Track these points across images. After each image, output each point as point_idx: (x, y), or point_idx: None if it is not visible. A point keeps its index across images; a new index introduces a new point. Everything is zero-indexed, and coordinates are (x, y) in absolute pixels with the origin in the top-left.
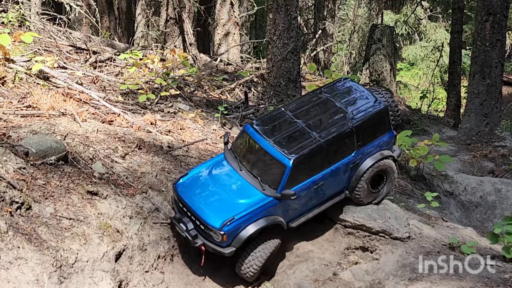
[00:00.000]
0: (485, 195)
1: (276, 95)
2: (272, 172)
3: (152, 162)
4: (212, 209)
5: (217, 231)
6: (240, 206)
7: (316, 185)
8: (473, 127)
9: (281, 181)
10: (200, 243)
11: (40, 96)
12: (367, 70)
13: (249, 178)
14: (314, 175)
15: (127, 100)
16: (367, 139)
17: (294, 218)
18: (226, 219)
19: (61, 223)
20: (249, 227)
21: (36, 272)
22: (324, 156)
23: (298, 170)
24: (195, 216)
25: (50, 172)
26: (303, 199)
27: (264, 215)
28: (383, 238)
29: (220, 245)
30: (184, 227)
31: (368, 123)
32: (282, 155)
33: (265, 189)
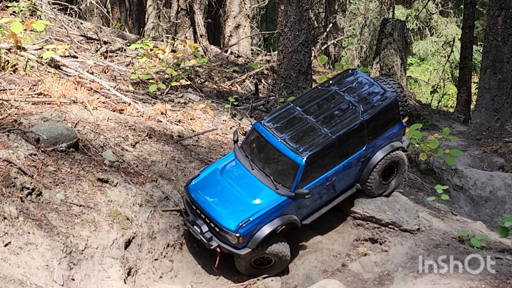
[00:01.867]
0: (495, 190)
1: (286, 87)
2: (284, 171)
3: (162, 151)
4: (226, 211)
5: (233, 234)
6: (254, 207)
7: (328, 181)
8: (483, 122)
9: (295, 180)
10: (215, 245)
11: (51, 84)
12: (378, 64)
13: (261, 177)
14: (326, 171)
15: (138, 89)
16: (377, 132)
17: (307, 215)
18: (241, 221)
19: (71, 210)
20: (264, 228)
21: (46, 258)
22: (336, 152)
23: (311, 168)
24: (209, 219)
25: (60, 159)
26: (316, 195)
27: (279, 215)
28: (392, 230)
29: (236, 247)
30: (199, 229)
31: (379, 116)
32: (294, 154)
33: (278, 188)
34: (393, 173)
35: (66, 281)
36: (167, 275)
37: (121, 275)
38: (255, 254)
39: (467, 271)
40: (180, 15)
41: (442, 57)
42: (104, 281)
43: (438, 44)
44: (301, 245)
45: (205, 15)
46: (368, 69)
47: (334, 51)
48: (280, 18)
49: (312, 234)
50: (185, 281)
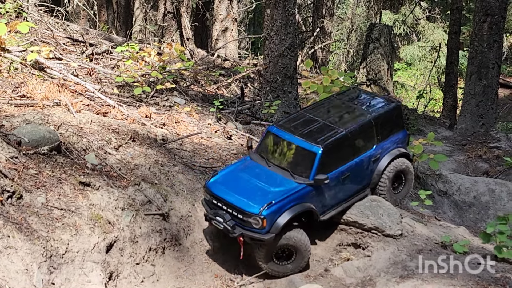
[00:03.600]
0: (479, 195)
1: (272, 91)
2: (302, 162)
3: (146, 155)
4: (249, 198)
5: (257, 216)
6: (275, 193)
7: (343, 176)
8: (468, 127)
9: (312, 169)
10: (238, 233)
11: (34, 86)
12: (364, 69)
13: (279, 171)
14: (341, 165)
15: (123, 92)
16: (385, 134)
17: (325, 211)
18: (265, 203)
19: (52, 213)
20: (285, 213)
21: (25, 262)
22: (349, 146)
23: (327, 157)
24: (232, 207)
25: (42, 162)
26: (333, 190)
27: (299, 202)
28: (375, 235)
29: (259, 231)
30: (221, 219)
31: (385, 118)
32: (311, 144)
33: (296, 178)
34: (402, 183)
35: (46, 285)
36: (148, 280)
37: (102, 279)
38: (278, 241)
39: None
40: (167, 18)
41: (429, 62)
42: (85, 286)
43: (425, 49)
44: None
45: (192, 18)
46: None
47: (322, 55)
48: (266, 22)
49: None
50: (167, 286)
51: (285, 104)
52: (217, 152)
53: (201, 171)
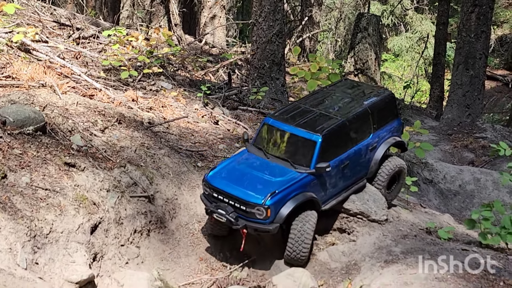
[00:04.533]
0: (464, 184)
1: (259, 77)
2: (301, 152)
3: (132, 137)
4: (251, 189)
5: (261, 206)
6: (278, 183)
7: (343, 165)
8: (455, 117)
9: (313, 157)
10: (242, 225)
11: (20, 67)
12: (352, 59)
13: (279, 162)
14: (341, 153)
15: (109, 76)
16: (381, 123)
17: (326, 200)
18: (268, 193)
19: (36, 193)
20: (289, 203)
21: (9, 241)
22: (348, 135)
23: (327, 146)
24: (234, 199)
25: (27, 142)
26: (333, 179)
27: (302, 191)
28: (361, 220)
29: (263, 222)
30: (224, 211)
31: (380, 106)
32: (310, 133)
33: (297, 168)
34: (395, 182)
35: (30, 265)
36: (133, 261)
37: (86, 260)
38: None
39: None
40: (155, 3)
41: (416, 53)
42: (69, 266)
43: (413, 40)
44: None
45: (180, 5)
46: (341, 61)
47: (310, 44)
48: (255, 8)
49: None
50: (152, 268)
51: (272, 91)
52: (204, 137)
53: (187, 155)
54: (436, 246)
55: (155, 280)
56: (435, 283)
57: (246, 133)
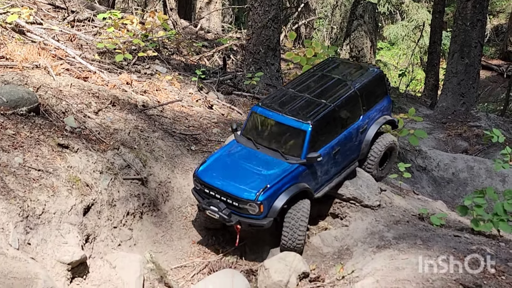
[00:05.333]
0: (458, 172)
1: (254, 62)
2: (291, 142)
3: (126, 120)
4: (242, 184)
5: (253, 202)
6: (269, 176)
7: (334, 151)
8: (449, 106)
9: (303, 147)
10: (235, 221)
11: (14, 48)
12: (348, 46)
13: (269, 153)
14: (331, 140)
15: (104, 59)
16: (370, 103)
17: (318, 188)
18: (260, 188)
19: (29, 174)
20: (281, 196)
21: (1, 221)
22: (337, 120)
23: (317, 134)
24: (226, 195)
25: (20, 122)
26: (325, 166)
27: (294, 182)
28: (353, 205)
29: (257, 217)
30: (216, 208)
31: (369, 87)
32: (299, 122)
33: (288, 159)
34: (387, 159)
35: (22, 245)
36: (126, 243)
37: (79, 241)
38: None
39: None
40: None
41: (412, 42)
42: (61, 247)
43: (409, 28)
44: None
45: None
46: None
47: (305, 31)
48: None
49: None
50: (144, 250)
51: (267, 76)
52: (198, 121)
53: (181, 138)
54: (428, 232)
55: (148, 263)
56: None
57: (235, 122)
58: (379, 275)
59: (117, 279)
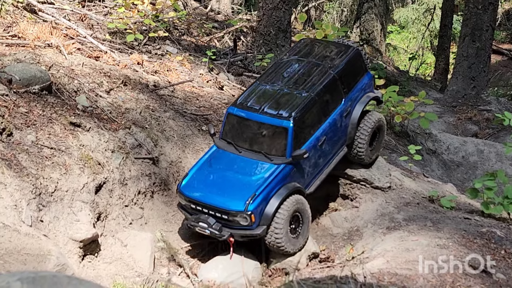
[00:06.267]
0: (468, 155)
1: (265, 44)
2: (274, 141)
3: (137, 99)
4: (229, 195)
5: (243, 213)
6: (256, 182)
7: (320, 142)
8: (459, 89)
9: (287, 145)
10: (227, 235)
11: (26, 27)
12: (358, 29)
13: (252, 156)
14: (315, 131)
15: (115, 39)
16: (350, 84)
17: (309, 183)
18: (248, 197)
19: (42, 152)
20: (272, 201)
21: (14, 198)
22: (319, 109)
23: (299, 129)
24: (214, 209)
25: (33, 101)
26: (312, 159)
27: (283, 184)
28: (364, 186)
29: (249, 228)
30: (205, 224)
31: (347, 68)
32: (279, 120)
33: (273, 160)
34: (376, 137)
35: (35, 222)
36: (137, 222)
37: (91, 219)
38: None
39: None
40: None
41: (422, 26)
42: (73, 224)
43: (419, 11)
44: None
45: None
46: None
47: (315, 14)
48: None
49: None
50: (155, 229)
51: (277, 58)
52: (208, 101)
53: (192, 118)
54: (438, 214)
55: (158, 241)
56: (437, 250)
57: (211, 125)
58: (389, 256)
59: (128, 257)
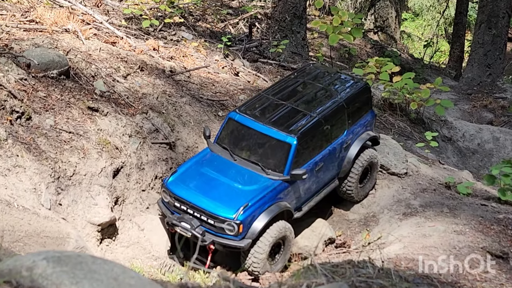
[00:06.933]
0: (483, 142)
1: (280, 30)
2: (273, 155)
3: (154, 85)
4: (219, 200)
5: (232, 222)
6: (249, 193)
7: (317, 167)
8: (475, 77)
9: (287, 162)
10: (208, 241)
11: (43, 12)
12: (372, 16)
13: (247, 166)
14: (315, 155)
15: (130, 25)
16: (355, 117)
17: (299, 207)
18: (240, 206)
19: (60, 136)
20: (261, 217)
21: (34, 181)
22: (322, 134)
23: (302, 148)
24: (201, 211)
25: (51, 85)
26: (307, 183)
27: (275, 201)
28: (380, 173)
29: (234, 238)
30: (188, 225)
31: (355, 100)
32: (284, 135)
33: (269, 173)
34: (367, 175)
35: (53, 206)
36: (154, 207)
37: (108, 203)
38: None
39: (453, 215)
40: None
41: (437, 13)
42: (91, 208)
43: None
44: None
45: None
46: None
47: (329, 1)
48: None
49: None
50: None
51: (293, 44)
52: (224, 87)
53: (208, 104)
54: (455, 201)
55: None
56: (454, 236)
57: (207, 128)
58: (406, 241)
59: (146, 241)
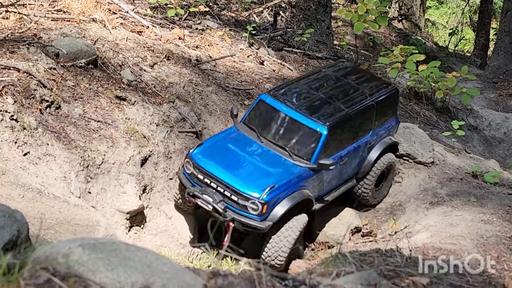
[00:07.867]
0: (509, 131)
1: (305, 19)
2: (302, 142)
3: (180, 74)
4: (246, 177)
5: (256, 200)
6: (276, 175)
7: (341, 161)
8: (501, 65)
9: (316, 151)
10: (229, 218)
11: (70, 2)
12: (397, 4)
13: (274, 149)
14: (341, 149)
15: (156, 14)
16: (381, 120)
17: (319, 199)
18: (267, 186)
19: (89, 125)
20: (285, 201)
21: (63, 170)
22: (351, 129)
23: (331, 139)
24: (226, 186)
25: (79, 74)
26: (330, 176)
27: (299, 188)
28: (406, 161)
29: (256, 218)
30: (211, 198)
31: (384, 103)
32: (315, 122)
33: (295, 160)
34: (384, 179)
35: (83, 194)
36: None
37: (137, 191)
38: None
39: (481, 204)
40: None
41: (462, 1)
42: (120, 196)
43: None
44: None
45: None
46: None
47: None
48: None
49: None
50: None
51: (317, 33)
52: (250, 76)
53: (234, 93)
54: (482, 190)
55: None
56: (481, 225)
57: (235, 107)
58: (433, 230)
59: (173, 229)
